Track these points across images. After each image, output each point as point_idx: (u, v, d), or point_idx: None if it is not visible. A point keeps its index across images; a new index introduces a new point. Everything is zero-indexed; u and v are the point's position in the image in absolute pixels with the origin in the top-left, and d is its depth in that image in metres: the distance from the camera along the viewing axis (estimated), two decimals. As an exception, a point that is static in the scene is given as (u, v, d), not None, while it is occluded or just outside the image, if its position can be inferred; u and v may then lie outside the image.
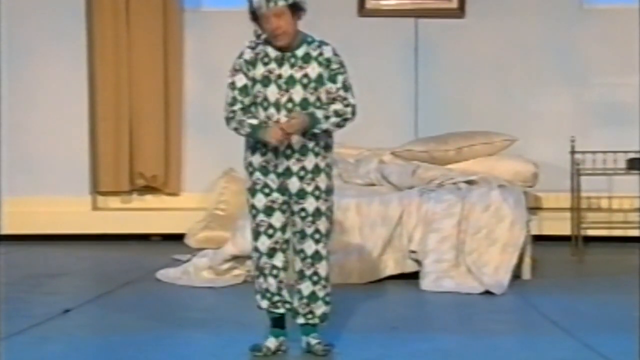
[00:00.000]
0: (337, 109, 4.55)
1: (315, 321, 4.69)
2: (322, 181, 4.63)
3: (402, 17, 8.83)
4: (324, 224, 4.63)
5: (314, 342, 4.67)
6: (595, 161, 7.98)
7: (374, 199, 6.84)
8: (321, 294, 4.67)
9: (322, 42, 4.63)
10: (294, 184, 4.59)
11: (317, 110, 4.54)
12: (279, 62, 4.57)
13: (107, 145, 8.97)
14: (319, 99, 4.57)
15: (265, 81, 4.56)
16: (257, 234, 4.64)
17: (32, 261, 7.75)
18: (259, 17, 4.54)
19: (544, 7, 8.78)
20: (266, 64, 4.57)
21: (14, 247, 8.24)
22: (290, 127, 4.48)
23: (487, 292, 6.33)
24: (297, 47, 4.58)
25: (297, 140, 4.53)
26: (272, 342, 4.69)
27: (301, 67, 4.56)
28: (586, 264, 7.56)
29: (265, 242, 4.63)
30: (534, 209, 8.12)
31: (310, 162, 4.59)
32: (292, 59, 4.57)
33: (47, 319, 5.48)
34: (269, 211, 4.61)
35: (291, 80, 4.56)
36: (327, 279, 4.68)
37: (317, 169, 4.61)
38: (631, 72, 8.54)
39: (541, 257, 7.27)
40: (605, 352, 4.65)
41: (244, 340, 4.76)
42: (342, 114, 4.55)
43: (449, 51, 8.81)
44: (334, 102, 4.56)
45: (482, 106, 8.72)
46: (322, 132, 4.57)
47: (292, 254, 4.69)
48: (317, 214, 4.61)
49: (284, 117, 4.53)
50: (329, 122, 4.53)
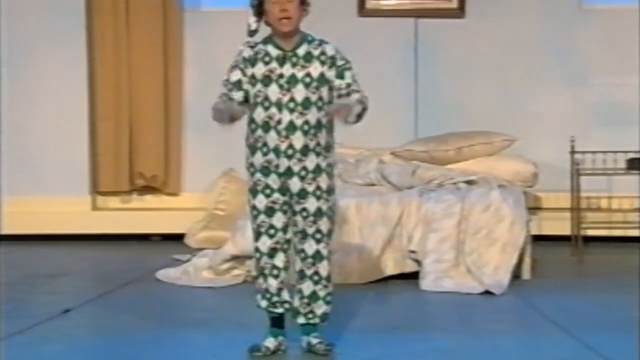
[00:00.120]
0: (358, 98, 4.51)
1: (316, 321, 4.68)
2: (324, 181, 4.62)
3: (402, 17, 8.83)
4: (325, 224, 4.63)
5: (314, 341, 4.67)
6: (595, 161, 7.98)
7: (374, 199, 6.84)
8: (322, 294, 4.66)
9: (323, 41, 4.62)
10: (295, 184, 4.58)
11: (347, 97, 4.50)
12: (280, 61, 4.56)
13: (107, 145, 8.97)
14: (320, 98, 4.57)
15: (266, 80, 4.55)
16: (258, 234, 4.62)
17: (32, 261, 7.74)
18: (264, 2, 4.50)
19: (543, 7, 8.79)
20: (267, 63, 4.56)
21: (13, 247, 8.24)
22: (349, 113, 4.41)
23: (487, 292, 6.32)
24: (298, 46, 4.57)
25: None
26: (271, 342, 4.68)
27: (303, 67, 4.55)
28: (586, 264, 7.56)
29: (266, 242, 4.61)
30: (534, 209, 8.13)
31: (311, 162, 4.58)
32: (294, 58, 4.56)
33: (47, 319, 5.47)
34: (270, 212, 4.60)
35: (293, 79, 4.54)
36: (328, 278, 4.67)
37: (318, 169, 4.60)
38: (631, 72, 8.54)
39: (541, 257, 7.27)
40: (605, 352, 4.64)
41: (244, 340, 4.75)
42: (364, 103, 4.53)
43: (448, 51, 8.81)
44: (349, 96, 4.52)
45: (482, 106, 8.72)
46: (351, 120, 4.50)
47: (294, 254, 4.69)
48: (319, 213, 4.60)
49: (286, 117, 4.52)
50: (358, 108, 4.49)
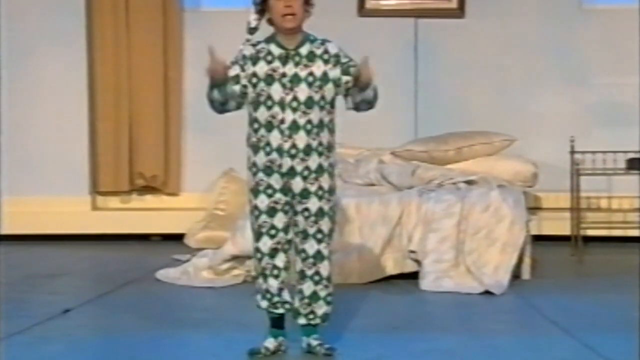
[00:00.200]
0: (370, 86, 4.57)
1: (316, 321, 4.68)
2: (326, 181, 4.62)
3: (402, 17, 8.83)
4: (326, 224, 4.62)
5: (314, 343, 4.66)
6: (595, 161, 7.98)
7: (374, 199, 6.84)
8: (323, 294, 4.66)
9: (325, 40, 4.63)
10: (298, 183, 4.57)
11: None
12: (283, 60, 4.56)
13: (106, 145, 8.97)
14: (323, 97, 4.57)
15: (268, 79, 4.54)
16: (259, 234, 4.61)
17: (32, 261, 7.75)
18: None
19: (543, 7, 8.79)
20: (270, 62, 4.55)
21: (14, 247, 8.23)
22: (367, 68, 4.45)
23: (487, 292, 6.33)
24: (300, 45, 4.58)
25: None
26: (271, 343, 4.67)
27: (306, 66, 4.55)
28: (586, 264, 7.56)
29: (267, 243, 4.60)
30: (534, 209, 8.13)
31: (314, 161, 4.57)
32: (297, 57, 4.56)
33: (47, 319, 5.47)
34: (271, 212, 4.59)
35: (296, 78, 4.54)
36: (329, 279, 4.67)
37: (320, 169, 4.59)
38: (631, 72, 8.54)
39: (541, 257, 7.27)
40: (605, 352, 4.65)
41: (244, 340, 4.75)
42: (375, 90, 4.56)
43: (448, 51, 8.81)
44: None
45: (482, 106, 8.72)
46: (365, 101, 4.55)
47: (294, 254, 4.69)
48: (320, 214, 4.60)
49: (289, 116, 4.52)
50: (371, 93, 4.54)
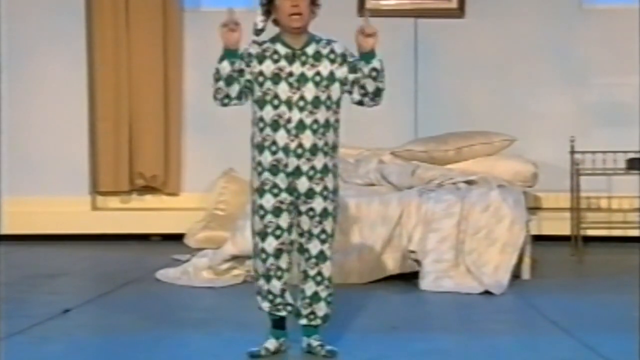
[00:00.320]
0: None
1: (317, 322, 4.68)
2: (330, 181, 4.61)
3: (402, 17, 8.83)
4: (330, 224, 4.62)
5: (315, 343, 4.66)
6: (595, 161, 7.98)
7: (374, 199, 6.84)
8: (324, 295, 4.66)
9: (330, 40, 4.64)
10: (303, 184, 4.56)
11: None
12: (290, 59, 4.56)
13: (106, 145, 8.97)
14: (329, 97, 4.57)
15: (275, 78, 4.54)
16: (265, 234, 4.58)
17: (32, 261, 7.74)
18: None
19: (543, 7, 8.79)
20: (276, 61, 4.55)
21: (14, 247, 8.23)
22: (371, 29, 4.53)
23: (487, 292, 6.33)
24: (306, 44, 4.58)
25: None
26: (271, 344, 4.67)
27: (313, 65, 4.55)
28: (586, 264, 7.56)
29: (272, 243, 4.58)
30: (534, 209, 8.12)
31: (319, 161, 4.57)
32: (303, 57, 4.56)
33: (47, 319, 5.47)
34: (277, 212, 4.57)
35: (303, 78, 4.54)
36: (330, 279, 4.67)
37: (325, 169, 4.59)
38: (631, 72, 8.54)
39: (541, 257, 7.27)
40: (605, 352, 4.65)
41: (244, 340, 4.76)
42: (381, 63, 4.65)
43: (448, 51, 8.81)
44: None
45: (482, 106, 8.72)
46: (375, 74, 4.64)
47: (297, 254, 4.68)
48: (325, 214, 4.60)
49: (295, 116, 4.52)
50: (380, 84, 4.67)
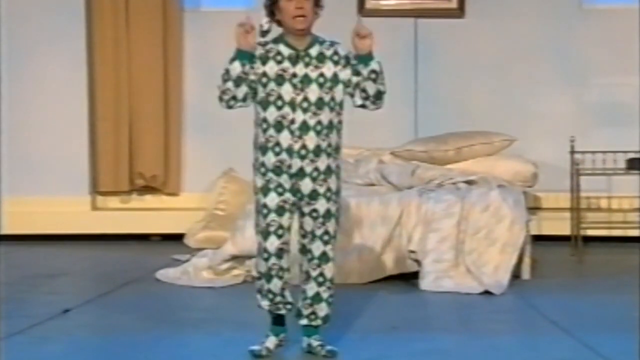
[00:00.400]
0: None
1: (317, 322, 4.68)
2: (333, 182, 4.61)
3: (402, 17, 8.83)
4: (332, 226, 4.62)
5: (315, 343, 4.67)
6: (594, 161, 7.97)
7: (374, 199, 6.84)
8: (325, 295, 4.66)
9: (333, 42, 4.63)
10: (307, 185, 4.56)
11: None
12: (293, 60, 4.55)
13: (106, 145, 8.97)
14: (332, 99, 4.56)
15: (279, 80, 4.53)
16: (267, 234, 4.57)
17: (32, 261, 7.74)
18: (278, 0, 4.51)
19: (543, 7, 8.78)
20: (279, 62, 4.55)
21: (14, 247, 8.23)
22: (365, 30, 4.51)
23: (487, 292, 6.33)
24: (310, 46, 4.58)
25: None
26: (271, 342, 4.67)
27: (316, 67, 4.55)
28: (586, 264, 7.56)
29: (274, 243, 4.57)
30: (534, 209, 8.13)
31: (323, 162, 4.56)
32: (307, 58, 4.56)
33: (47, 319, 5.47)
34: (280, 211, 4.56)
35: (306, 79, 4.54)
36: (332, 280, 4.67)
37: (329, 170, 4.59)
38: (631, 72, 8.54)
39: (541, 257, 7.27)
40: (605, 352, 4.65)
41: (243, 340, 4.76)
42: (380, 65, 4.62)
43: (448, 51, 8.81)
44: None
45: (482, 106, 8.72)
46: (374, 76, 4.62)
47: (300, 254, 4.67)
48: (328, 215, 4.59)
49: (299, 117, 4.51)
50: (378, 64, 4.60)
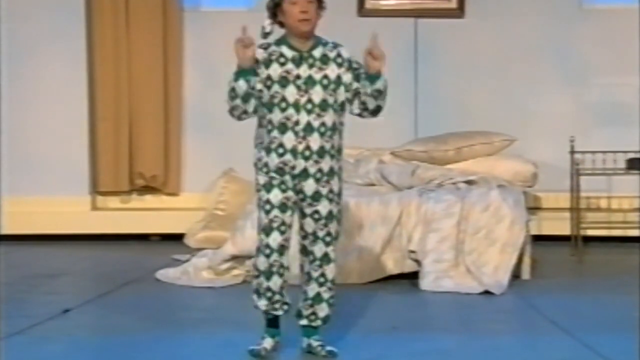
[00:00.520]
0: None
1: (317, 323, 4.68)
2: (336, 184, 4.60)
3: (402, 17, 8.83)
4: (334, 227, 4.61)
5: (315, 344, 4.66)
6: (594, 161, 7.97)
7: (374, 199, 6.84)
8: (326, 296, 4.65)
9: (336, 44, 4.62)
10: (310, 186, 4.55)
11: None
12: (297, 62, 4.53)
13: (106, 145, 8.97)
14: (336, 100, 4.55)
15: (283, 82, 4.51)
16: (270, 229, 4.54)
17: (32, 261, 7.74)
18: (281, 2, 4.49)
19: (543, 7, 8.78)
20: (283, 64, 4.52)
21: (14, 247, 8.23)
22: (379, 53, 4.55)
23: (487, 292, 6.33)
24: (313, 47, 4.56)
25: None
26: (269, 343, 4.65)
27: (320, 68, 4.54)
28: (586, 264, 7.56)
29: (277, 239, 4.54)
30: (534, 209, 8.13)
31: (326, 164, 4.55)
32: (310, 60, 4.54)
33: (47, 319, 5.47)
34: (283, 207, 4.54)
35: (310, 80, 4.52)
36: (333, 281, 4.67)
37: (331, 172, 4.58)
38: (631, 72, 8.54)
39: (541, 257, 7.27)
40: (605, 352, 4.65)
41: (243, 340, 4.75)
42: (386, 82, 4.62)
43: (448, 51, 8.81)
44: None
45: (482, 106, 8.72)
46: (376, 94, 4.60)
47: (301, 255, 4.66)
48: (330, 216, 4.59)
49: (303, 118, 4.50)
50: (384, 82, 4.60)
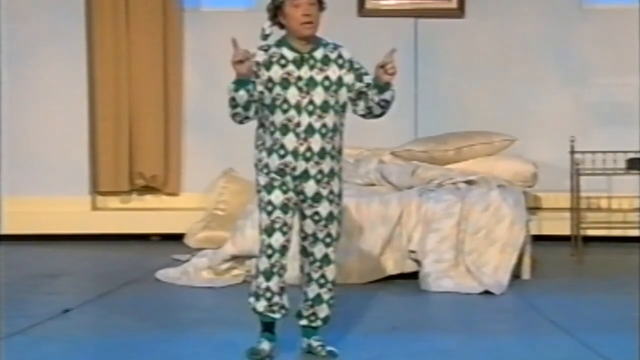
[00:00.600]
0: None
1: (317, 323, 4.68)
2: (336, 185, 4.60)
3: (402, 17, 8.82)
4: (335, 228, 4.61)
5: (315, 344, 4.67)
6: (594, 161, 7.97)
7: (374, 199, 6.84)
8: (326, 297, 4.66)
9: (336, 45, 4.61)
10: (311, 187, 4.54)
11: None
12: (298, 63, 4.52)
13: (106, 145, 8.97)
14: (337, 101, 4.54)
15: (284, 83, 4.50)
16: (272, 230, 4.53)
17: (32, 261, 7.74)
18: (283, 4, 4.47)
19: (543, 7, 8.78)
20: (284, 66, 4.51)
21: (14, 247, 8.23)
22: (393, 69, 4.53)
23: (487, 292, 6.33)
24: (314, 49, 4.54)
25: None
26: (267, 345, 4.64)
27: (321, 70, 4.52)
28: (586, 264, 7.56)
29: (279, 240, 4.53)
30: (534, 209, 8.12)
31: (327, 165, 4.54)
32: (311, 61, 4.52)
33: (47, 319, 5.47)
34: (285, 208, 4.53)
35: (312, 82, 4.51)
36: (334, 282, 4.67)
37: (332, 173, 4.57)
38: (631, 72, 8.54)
39: (541, 257, 7.27)
40: (605, 352, 4.65)
41: (243, 340, 4.75)
42: (393, 92, 4.61)
43: (448, 51, 8.81)
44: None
45: (482, 106, 8.72)
46: (384, 104, 4.61)
47: (300, 255, 4.66)
48: (330, 218, 4.58)
49: (305, 120, 4.48)
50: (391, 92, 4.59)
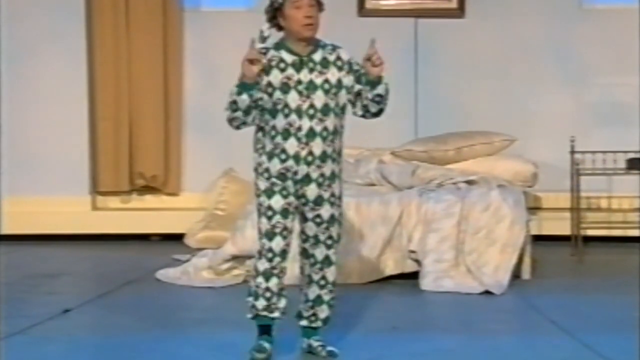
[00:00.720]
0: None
1: (317, 324, 4.69)
2: (337, 187, 4.59)
3: (402, 17, 8.83)
4: (336, 230, 4.61)
5: (315, 344, 4.67)
6: (595, 161, 7.97)
7: (374, 199, 6.84)
8: (327, 298, 4.66)
9: (335, 46, 4.60)
10: (313, 190, 4.53)
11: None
12: (297, 67, 4.50)
13: (107, 145, 8.97)
14: (337, 104, 4.53)
15: (284, 87, 4.47)
16: (273, 234, 4.52)
17: (32, 261, 7.74)
18: (283, 6, 4.45)
19: (543, 7, 8.79)
20: (283, 70, 4.49)
21: (14, 247, 8.23)
22: (378, 59, 4.54)
23: (487, 292, 6.33)
24: (313, 51, 4.53)
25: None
26: (268, 345, 4.62)
27: (321, 72, 4.51)
28: (586, 264, 7.56)
29: (280, 244, 4.53)
30: (534, 209, 8.13)
31: (328, 168, 4.54)
32: (310, 64, 4.51)
33: (47, 319, 5.47)
34: (285, 213, 4.52)
35: (312, 85, 4.49)
36: (334, 283, 4.67)
37: (333, 175, 4.57)
38: (631, 72, 8.55)
39: (541, 257, 7.27)
40: (605, 352, 4.65)
41: (243, 340, 4.75)
42: (387, 86, 4.65)
43: (448, 51, 8.81)
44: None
45: (482, 106, 8.72)
46: (378, 99, 4.62)
47: (301, 257, 4.66)
48: (331, 220, 4.58)
49: (306, 124, 4.47)
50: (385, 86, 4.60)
